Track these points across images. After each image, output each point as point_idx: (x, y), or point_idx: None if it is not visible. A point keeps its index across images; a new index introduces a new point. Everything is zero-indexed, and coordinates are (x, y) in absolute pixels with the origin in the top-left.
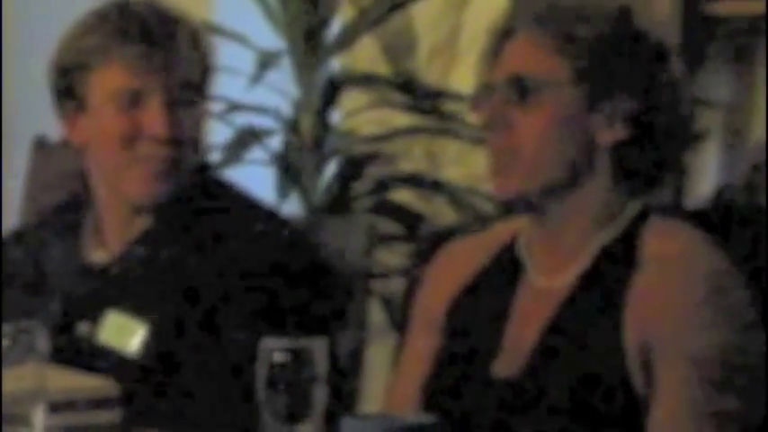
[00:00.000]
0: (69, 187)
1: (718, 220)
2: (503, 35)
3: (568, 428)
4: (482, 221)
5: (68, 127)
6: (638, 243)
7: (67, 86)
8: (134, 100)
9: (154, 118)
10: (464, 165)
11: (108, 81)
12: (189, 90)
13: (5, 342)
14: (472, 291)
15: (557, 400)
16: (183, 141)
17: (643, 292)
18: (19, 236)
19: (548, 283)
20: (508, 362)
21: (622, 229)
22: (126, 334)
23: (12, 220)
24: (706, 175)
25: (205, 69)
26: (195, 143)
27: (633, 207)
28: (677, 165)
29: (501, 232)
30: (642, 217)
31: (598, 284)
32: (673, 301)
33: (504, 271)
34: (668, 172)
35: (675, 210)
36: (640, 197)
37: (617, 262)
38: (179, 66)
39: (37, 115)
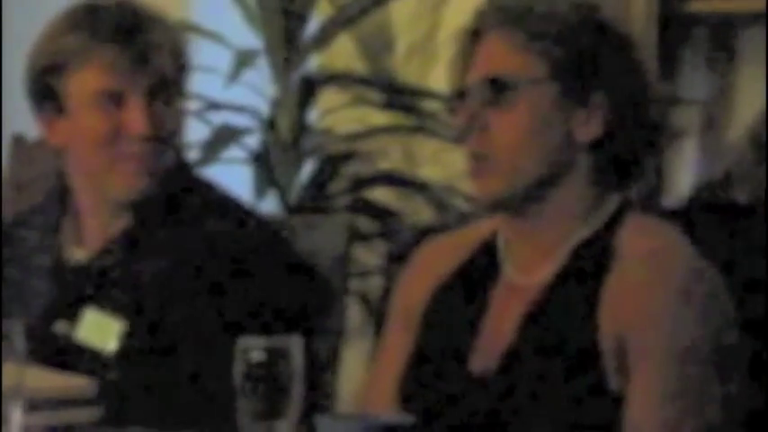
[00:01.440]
0: (48, 185)
1: (695, 218)
2: (472, 37)
3: (543, 424)
4: (460, 220)
5: (47, 129)
6: (615, 240)
7: (45, 89)
8: (114, 100)
9: (135, 117)
10: (441, 163)
11: (87, 83)
12: (167, 87)
13: None
14: (450, 288)
15: (531, 396)
16: (164, 138)
17: (618, 288)
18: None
19: (525, 279)
20: (484, 358)
21: (599, 226)
22: (104, 332)
23: None
24: (683, 173)
25: (181, 67)
26: (174, 140)
27: (611, 203)
28: (653, 159)
29: (479, 230)
30: (619, 213)
31: (574, 280)
32: (648, 297)
33: (482, 268)
34: (644, 167)
35: (653, 207)
36: (617, 193)
37: (593, 258)
38: (156, 64)
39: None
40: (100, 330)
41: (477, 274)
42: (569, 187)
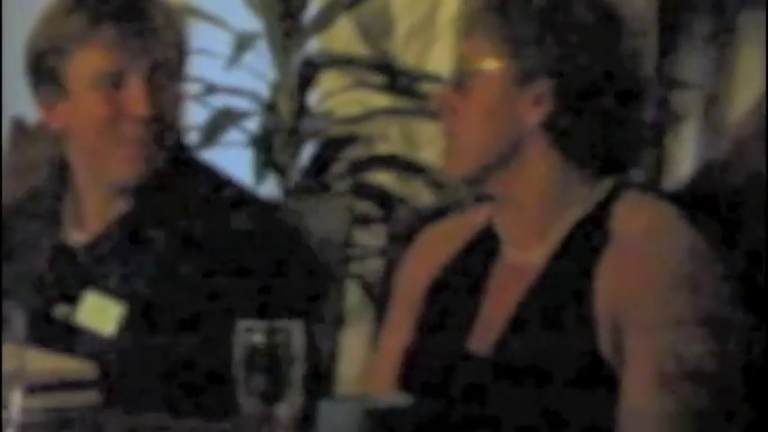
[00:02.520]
0: (47, 169)
1: (696, 201)
2: (464, 31)
3: (540, 401)
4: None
5: (47, 112)
6: (610, 218)
7: (45, 71)
8: (114, 81)
9: (135, 98)
10: (441, 146)
11: (87, 64)
12: (167, 69)
13: None
14: (451, 270)
15: (528, 374)
16: (164, 120)
17: (614, 266)
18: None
19: (522, 258)
20: (483, 337)
21: (594, 205)
22: (104, 315)
23: None
24: (684, 156)
25: (181, 49)
26: (174, 122)
27: (605, 185)
28: (632, 144)
29: (480, 214)
30: (615, 193)
31: (570, 259)
32: (643, 274)
33: (483, 250)
34: (626, 150)
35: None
36: (611, 176)
37: (589, 237)
38: (157, 45)
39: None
40: (99, 313)
41: (478, 257)
42: (531, 165)
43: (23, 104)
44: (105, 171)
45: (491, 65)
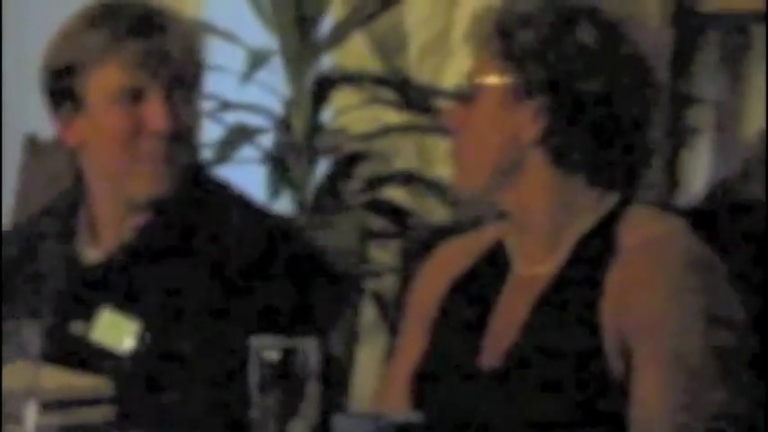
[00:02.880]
0: (61, 186)
1: (709, 217)
2: (472, 49)
3: (548, 416)
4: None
5: (63, 128)
6: (616, 231)
7: (63, 88)
8: (134, 97)
9: (155, 113)
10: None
11: (107, 80)
12: (185, 85)
13: None
14: (463, 286)
15: (537, 389)
16: (183, 135)
17: (621, 279)
18: (12, 234)
19: (531, 272)
20: (493, 352)
21: (600, 219)
22: (119, 333)
23: (3, 220)
24: (698, 172)
25: (198, 66)
26: (193, 139)
27: (610, 198)
28: (636, 160)
29: (492, 231)
30: (622, 208)
31: (577, 273)
32: (650, 287)
33: (494, 266)
34: (629, 166)
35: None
36: (617, 191)
37: (595, 250)
38: (175, 61)
39: (28, 113)
40: (115, 330)
41: (489, 273)
42: (532, 180)
43: (36, 121)
44: (123, 188)
45: (493, 80)
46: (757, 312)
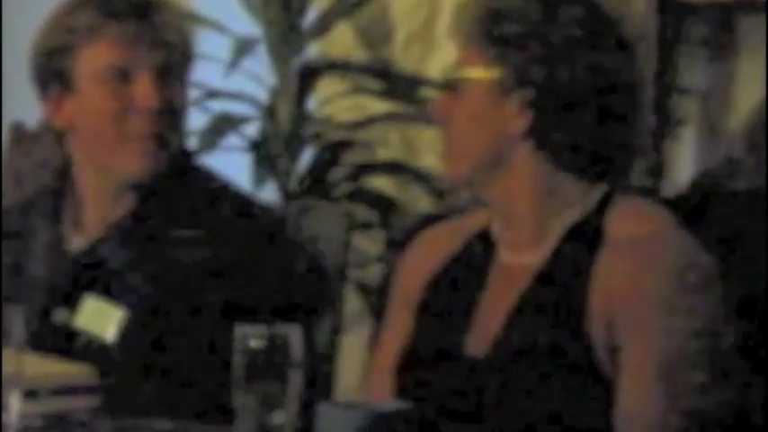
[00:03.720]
0: (47, 174)
1: (694, 207)
2: (457, 39)
3: (535, 406)
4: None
5: (53, 109)
6: (605, 223)
7: (52, 69)
8: (123, 76)
9: (144, 90)
10: (440, 150)
11: (97, 59)
12: (174, 69)
13: None
14: (447, 273)
15: (524, 377)
16: (172, 116)
17: (608, 271)
18: None
19: (517, 261)
20: (479, 340)
21: (588, 209)
22: (103, 320)
23: None
24: (683, 162)
25: (186, 52)
26: (181, 122)
27: (598, 190)
28: (623, 151)
29: (477, 218)
30: (609, 199)
31: (565, 263)
32: (637, 279)
33: (479, 253)
34: (615, 157)
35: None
36: (605, 181)
37: (583, 240)
38: (166, 42)
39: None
40: (100, 318)
41: (474, 260)
42: (520, 171)
43: (22, 110)
44: (110, 168)
45: (478, 73)
46: (743, 303)
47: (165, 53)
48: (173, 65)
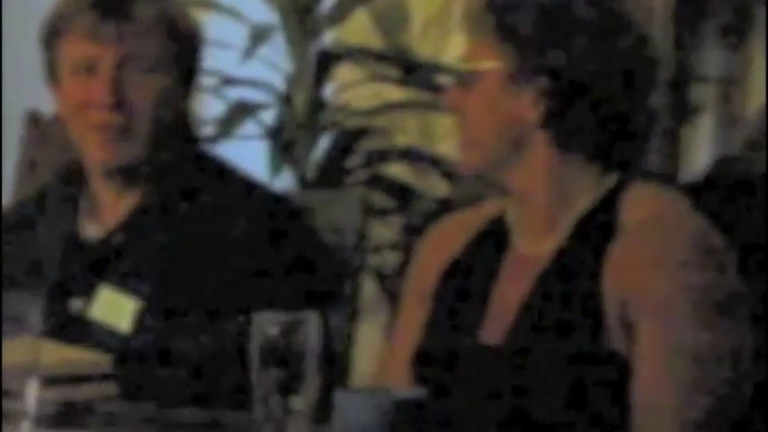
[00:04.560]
0: (64, 162)
1: (713, 192)
2: (466, 30)
3: (551, 392)
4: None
5: (55, 99)
6: (618, 208)
7: (48, 59)
8: (89, 68)
9: (100, 85)
10: (456, 138)
11: (68, 50)
12: (147, 58)
13: None
14: (462, 261)
15: (539, 365)
16: (133, 107)
17: (622, 255)
18: (16, 210)
19: (532, 249)
20: (494, 328)
21: (601, 196)
22: (118, 310)
23: (5, 197)
24: (701, 149)
25: (178, 38)
26: (157, 112)
27: (612, 177)
28: (636, 139)
29: (491, 207)
30: (622, 185)
31: (579, 250)
32: (652, 263)
33: (493, 241)
34: (629, 144)
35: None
36: (617, 169)
37: (597, 227)
38: (135, 33)
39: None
40: (114, 308)
41: (488, 248)
42: (535, 161)
43: (38, 97)
44: (86, 155)
45: (491, 64)
46: (762, 289)
47: (133, 44)
48: (143, 56)
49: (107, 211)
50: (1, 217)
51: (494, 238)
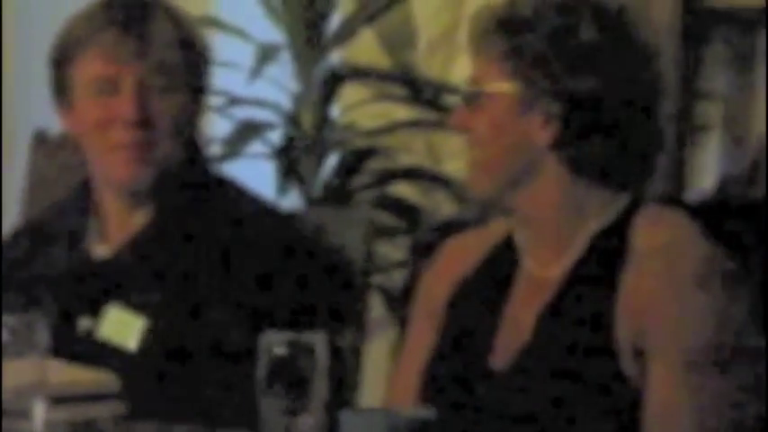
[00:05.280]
0: (72, 181)
1: (719, 213)
2: (472, 51)
3: (560, 418)
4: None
5: (63, 120)
6: (629, 232)
7: (58, 79)
8: (110, 87)
9: (124, 102)
10: (464, 158)
11: (86, 70)
12: (166, 76)
13: (6, 335)
14: (472, 283)
15: (550, 389)
16: (156, 125)
17: (634, 281)
18: (24, 229)
19: (542, 272)
20: (504, 352)
21: (612, 220)
22: (126, 329)
23: (13, 216)
24: (707, 168)
25: (192, 58)
26: (176, 129)
27: (622, 199)
28: (646, 160)
29: (500, 226)
30: (633, 208)
31: (590, 274)
32: (663, 290)
33: (503, 263)
34: (639, 166)
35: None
36: (627, 190)
37: (608, 251)
38: (154, 52)
39: (37, 109)
40: (122, 327)
41: (498, 270)
42: (545, 183)
43: (45, 116)
44: (106, 175)
45: (499, 87)
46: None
47: (154, 62)
48: (165, 70)
49: (116, 230)
50: (0, 236)
51: (503, 260)
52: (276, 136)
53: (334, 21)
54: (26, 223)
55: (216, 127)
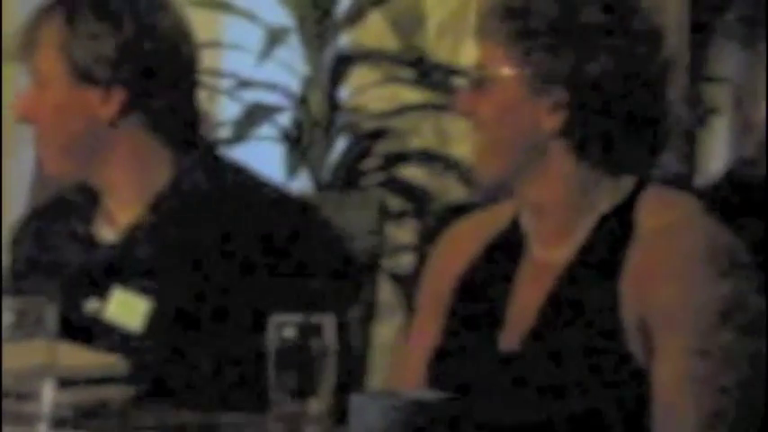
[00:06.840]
0: None
1: (728, 196)
2: (480, 35)
3: (569, 399)
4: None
5: None
6: (634, 214)
7: None
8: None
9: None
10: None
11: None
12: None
13: (13, 318)
14: (479, 266)
15: (557, 372)
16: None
17: (640, 262)
18: (33, 213)
19: (548, 255)
20: (512, 335)
21: (618, 202)
22: (132, 311)
23: (20, 206)
24: (717, 151)
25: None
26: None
27: (627, 181)
28: (654, 144)
29: (506, 209)
30: (638, 191)
31: (596, 256)
32: (669, 270)
33: (509, 246)
34: (647, 150)
35: (685, 185)
36: (632, 173)
37: (614, 233)
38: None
39: None
40: (127, 309)
41: (505, 253)
42: (553, 168)
43: None
44: None
45: (506, 72)
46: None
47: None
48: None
49: (121, 213)
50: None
51: (509, 243)
52: (285, 119)
53: (344, 3)
54: (35, 207)
55: (225, 110)
